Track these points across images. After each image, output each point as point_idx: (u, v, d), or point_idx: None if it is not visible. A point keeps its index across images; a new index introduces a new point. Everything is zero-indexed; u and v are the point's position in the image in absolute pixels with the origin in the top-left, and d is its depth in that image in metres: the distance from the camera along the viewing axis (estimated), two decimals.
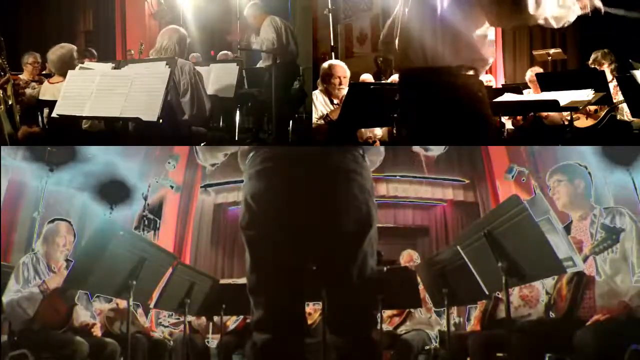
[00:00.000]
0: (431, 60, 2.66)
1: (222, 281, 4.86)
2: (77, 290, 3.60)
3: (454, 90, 2.64)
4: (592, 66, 5.45)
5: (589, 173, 3.25)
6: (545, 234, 2.30)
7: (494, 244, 2.45)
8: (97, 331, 3.90)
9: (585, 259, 2.90)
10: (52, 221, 3.96)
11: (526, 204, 2.31)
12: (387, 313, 4.73)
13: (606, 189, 5.34)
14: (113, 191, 6.72)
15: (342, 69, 5.06)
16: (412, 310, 4.67)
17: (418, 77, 2.74)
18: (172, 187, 7.39)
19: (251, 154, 2.47)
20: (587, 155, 4.94)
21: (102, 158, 6.29)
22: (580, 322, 2.84)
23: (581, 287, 2.97)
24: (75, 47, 4.69)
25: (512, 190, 6.61)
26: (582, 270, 2.89)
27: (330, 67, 5.07)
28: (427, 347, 4.49)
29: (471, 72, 2.67)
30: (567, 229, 3.15)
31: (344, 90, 4.86)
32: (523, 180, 6.60)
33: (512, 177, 6.64)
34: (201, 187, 8.17)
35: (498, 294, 3.67)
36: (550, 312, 3.19)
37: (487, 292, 2.82)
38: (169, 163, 7.07)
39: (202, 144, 4.46)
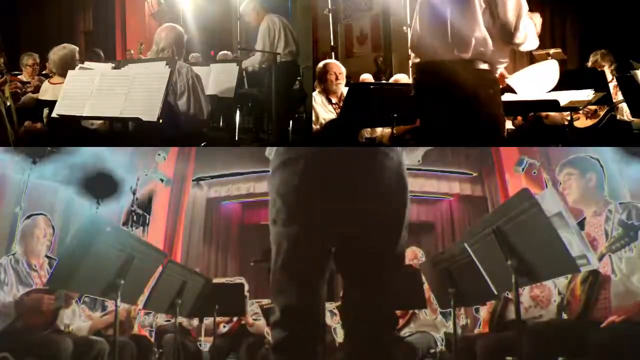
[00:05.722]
0: (442, 54, 2.87)
1: (215, 280, 4.86)
2: (62, 290, 3.59)
3: (464, 84, 2.82)
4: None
5: (601, 166, 3.24)
6: (557, 231, 2.29)
7: (503, 240, 2.45)
8: (84, 332, 3.90)
9: (600, 258, 2.89)
10: (28, 217, 3.97)
11: (537, 198, 2.31)
12: None
13: (622, 183, 5.34)
14: (100, 185, 6.71)
15: (336, 66, 5.27)
16: (416, 311, 4.68)
17: (431, 70, 2.93)
18: (162, 180, 7.38)
19: (273, 152, 2.54)
20: (603, 151, 4.96)
21: (89, 150, 6.28)
22: (594, 323, 2.83)
23: (596, 286, 2.97)
24: (77, 48, 4.81)
25: (522, 184, 6.61)
26: (596, 269, 2.88)
27: (325, 65, 5.28)
28: (432, 351, 4.50)
29: (486, 66, 2.88)
30: (581, 225, 3.14)
31: (342, 85, 5.12)
32: (534, 173, 6.59)
33: (523, 170, 6.64)
34: (193, 180, 8.17)
35: (507, 294, 3.67)
36: (563, 314, 3.19)
37: (496, 292, 2.82)
38: (158, 155, 7.06)
39: (202, 144, 4.52)
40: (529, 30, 2.90)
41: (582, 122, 5.35)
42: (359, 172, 2.42)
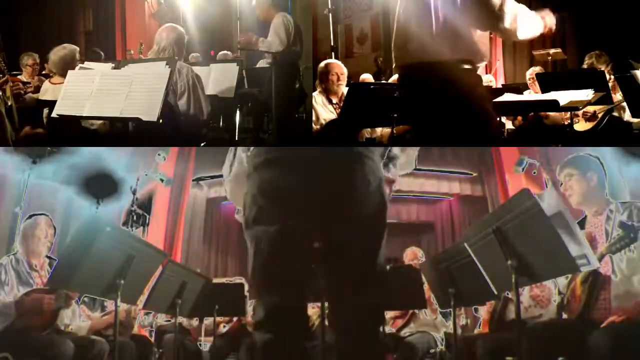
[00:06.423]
0: (429, 55, 2.83)
1: (215, 280, 4.86)
2: (62, 290, 3.59)
3: (451, 85, 2.80)
4: None
5: (602, 164, 3.23)
6: (557, 230, 2.29)
7: (503, 240, 2.45)
8: (83, 333, 3.90)
9: (601, 258, 2.89)
10: (30, 217, 3.97)
11: (537, 198, 2.31)
12: (390, 314, 4.73)
13: (622, 182, 5.34)
14: (100, 185, 6.71)
15: (338, 66, 5.30)
16: (416, 311, 4.68)
17: (416, 71, 2.91)
18: (162, 180, 7.39)
19: (251, 149, 2.53)
20: (603, 151, 4.97)
21: (89, 150, 6.28)
22: (594, 323, 2.83)
23: (596, 287, 2.97)
24: (77, 48, 4.82)
25: (522, 184, 6.61)
26: (597, 269, 2.88)
27: (327, 65, 5.31)
28: (432, 351, 4.50)
29: (469, 66, 2.85)
30: (581, 224, 3.14)
31: (343, 86, 5.14)
32: (534, 173, 6.60)
33: (523, 170, 6.65)
34: (193, 180, 8.17)
35: (508, 294, 3.67)
36: (563, 313, 3.19)
37: (496, 292, 2.82)
38: (158, 155, 7.07)
39: (202, 144, 4.52)
40: (519, 13, 2.81)
41: (581, 125, 5.35)
42: (341, 172, 2.41)
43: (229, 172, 2.76)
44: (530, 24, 2.88)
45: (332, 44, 7.51)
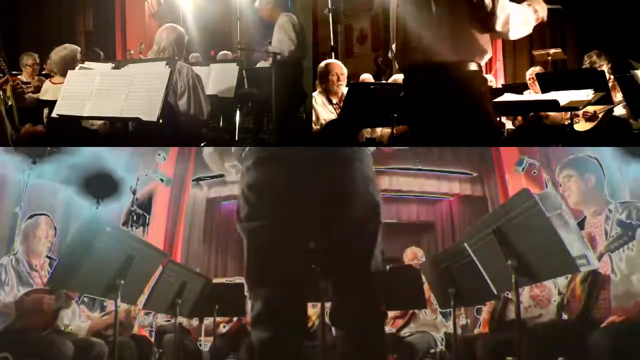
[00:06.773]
0: (431, 55, 2.83)
1: (215, 280, 4.87)
2: (62, 290, 3.59)
3: (457, 85, 2.81)
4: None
5: (600, 165, 3.23)
6: (557, 230, 2.29)
7: (503, 240, 2.45)
8: (83, 333, 3.90)
9: (599, 257, 2.89)
10: (30, 217, 3.97)
11: (537, 198, 2.31)
12: (390, 314, 4.73)
13: (622, 183, 5.34)
14: (100, 185, 6.71)
15: (338, 66, 5.29)
16: (416, 311, 4.68)
17: (421, 72, 2.91)
18: (162, 180, 7.39)
19: (247, 148, 2.55)
20: (603, 151, 4.97)
21: (89, 150, 6.28)
22: (594, 323, 2.84)
23: (596, 286, 2.97)
24: (78, 49, 4.82)
25: (522, 184, 6.61)
26: (596, 269, 2.88)
27: (327, 65, 5.30)
28: (432, 351, 4.50)
29: (475, 67, 2.85)
30: (581, 224, 3.14)
31: (343, 86, 5.14)
32: (534, 173, 6.60)
33: (523, 170, 6.65)
34: (193, 180, 8.17)
35: (507, 294, 3.67)
36: (563, 313, 3.19)
37: (495, 292, 2.82)
38: (158, 155, 7.07)
39: (202, 144, 4.53)
40: (512, 13, 2.81)
41: (581, 125, 5.35)
42: (331, 173, 2.43)
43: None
44: (524, 22, 2.89)
45: (332, 44, 7.53)
